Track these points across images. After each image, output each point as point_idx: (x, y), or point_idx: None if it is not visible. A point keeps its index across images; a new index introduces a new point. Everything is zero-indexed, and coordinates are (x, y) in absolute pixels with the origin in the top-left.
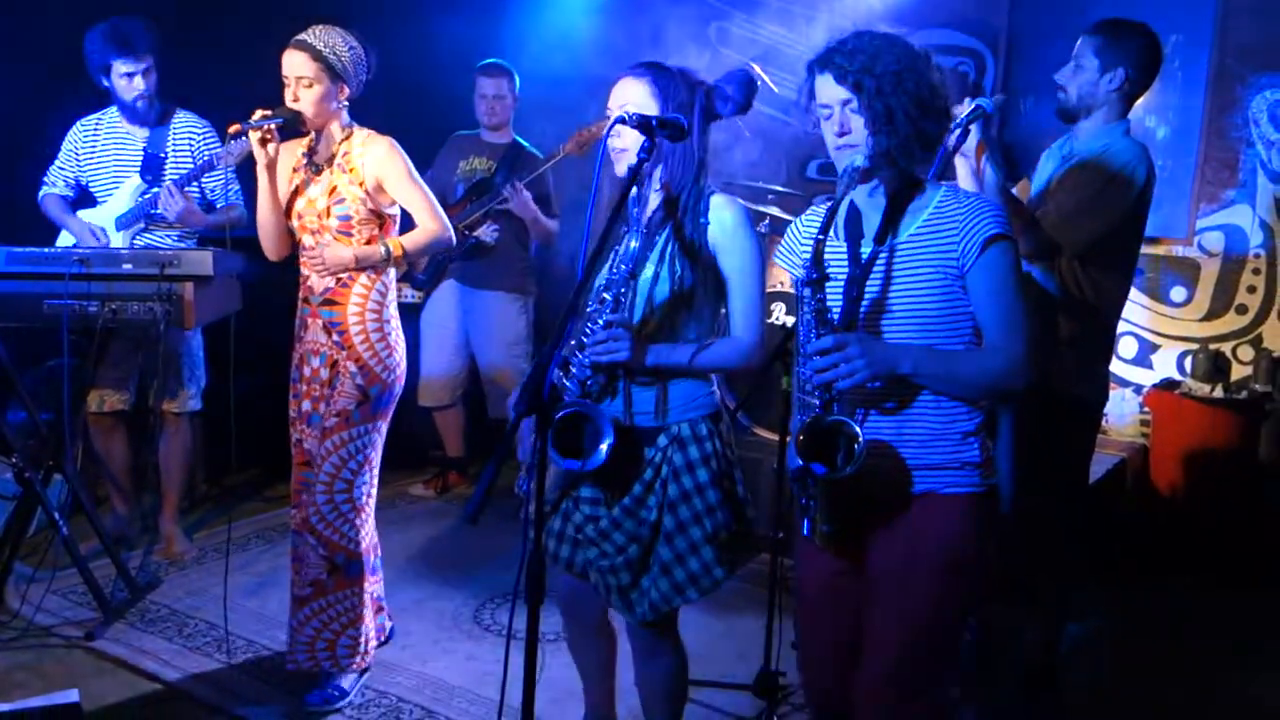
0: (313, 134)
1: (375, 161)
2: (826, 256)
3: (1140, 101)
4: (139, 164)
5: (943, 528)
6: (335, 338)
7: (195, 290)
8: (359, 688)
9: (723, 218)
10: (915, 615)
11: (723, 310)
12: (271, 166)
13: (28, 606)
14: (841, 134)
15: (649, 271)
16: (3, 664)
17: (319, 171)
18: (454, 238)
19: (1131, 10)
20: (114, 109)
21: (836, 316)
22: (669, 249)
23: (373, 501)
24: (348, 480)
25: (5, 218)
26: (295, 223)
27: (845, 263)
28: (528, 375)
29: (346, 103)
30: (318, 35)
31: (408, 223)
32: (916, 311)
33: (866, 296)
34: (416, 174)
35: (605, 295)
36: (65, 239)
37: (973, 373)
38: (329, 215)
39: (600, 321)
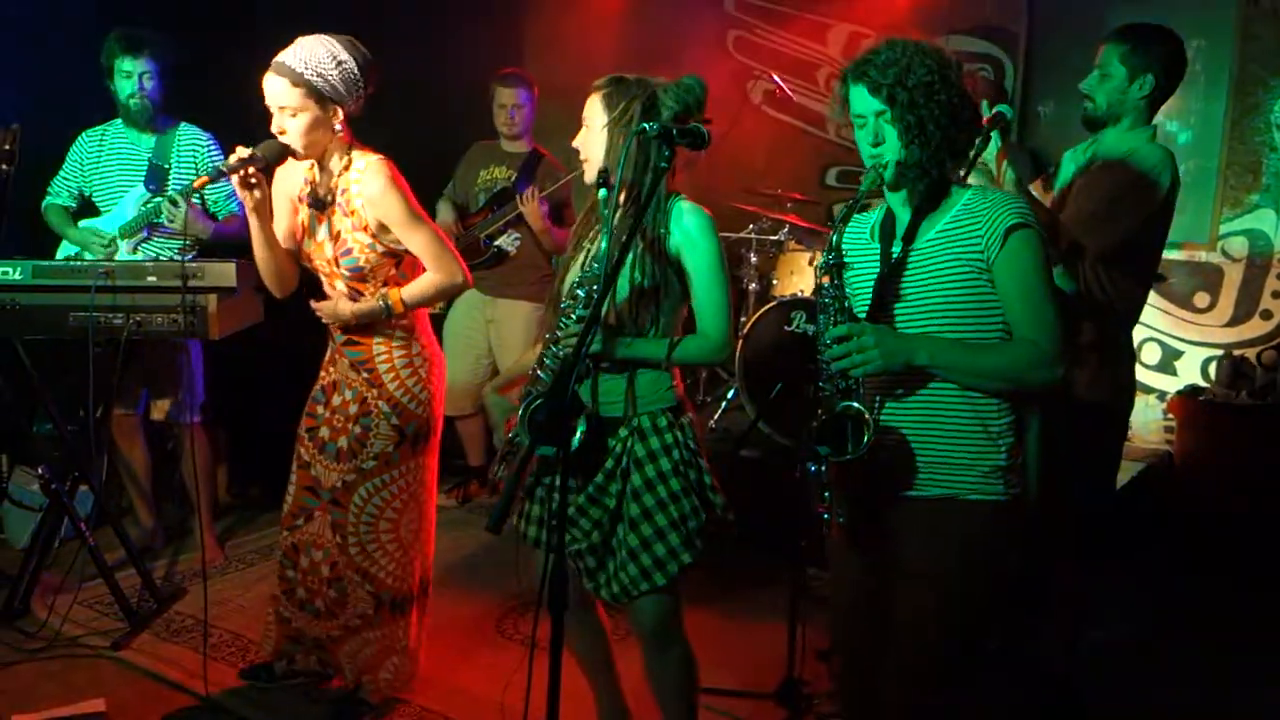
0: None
1: (372, 205)
2: (860, 258)
3: (1162, 106)
4: (143, 173)
5: (962, 533)
6: (364, 375)
7: (218, 302)
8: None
9: (685, 225)
10: (928, 617)
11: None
12: (259, 209)
13: (55, 617)
14: (876, 144)
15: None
16: (30, 674)
17: (323, 209)
18: (467, 281)
19: (1152, 15)
20: (119, 120)
21: (865, 314)
22: (635, 254)
23: (428, 534)
24: (392, 520)
25: (30, 231)
26: (307, 264)
27: (877, 262)
28: (545, 385)
29: (341, 127)
30: (299, 54)
31: None
32: (945, 307)
33: (897, 294)
34: (418, 212)
35: (578, 292)
36: (66, 249)
37: (997, 364)
38: (338, 264)
39: (573, 316)
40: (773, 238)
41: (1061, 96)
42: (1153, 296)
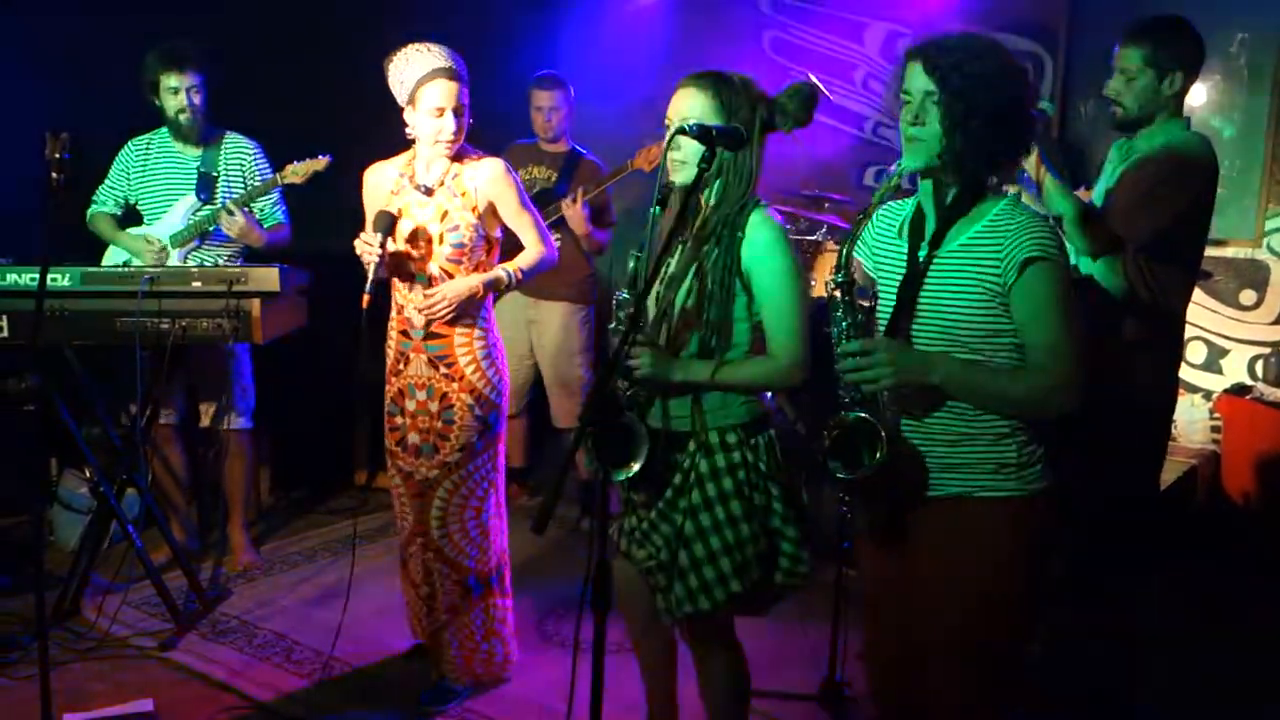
0: (414, 153)
1: (488, 185)
2: (888, 256)
3: (1204, 101)
4: (193, 183)
5: (979, 535)
6: (443, 370)
7: (262, 306)
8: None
9: (757, 237)
10: (952, 625)
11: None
12: None
13: (104, 617)
14: (915, 123)
15: (684, 285)
16: (80, 674)
17: (429, 193)
18: (557, 258)
19: (1194, 9)
20: (164, 130)
21: (886, 316)
22: (705, 264)
23: (503, 520)
24: (476, 507)
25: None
26: (403, 247)
27: (904, 262)
28: (591, 386)
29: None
30: (457, 62)
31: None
32: (957, 322)
33: (915, 305)
34: (527, 197)
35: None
36: (111, 255)
37: (1008, 392)
38: (441, 242)
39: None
40: (810, 238)
41: (1102, 93)
42: (1198, 294)
